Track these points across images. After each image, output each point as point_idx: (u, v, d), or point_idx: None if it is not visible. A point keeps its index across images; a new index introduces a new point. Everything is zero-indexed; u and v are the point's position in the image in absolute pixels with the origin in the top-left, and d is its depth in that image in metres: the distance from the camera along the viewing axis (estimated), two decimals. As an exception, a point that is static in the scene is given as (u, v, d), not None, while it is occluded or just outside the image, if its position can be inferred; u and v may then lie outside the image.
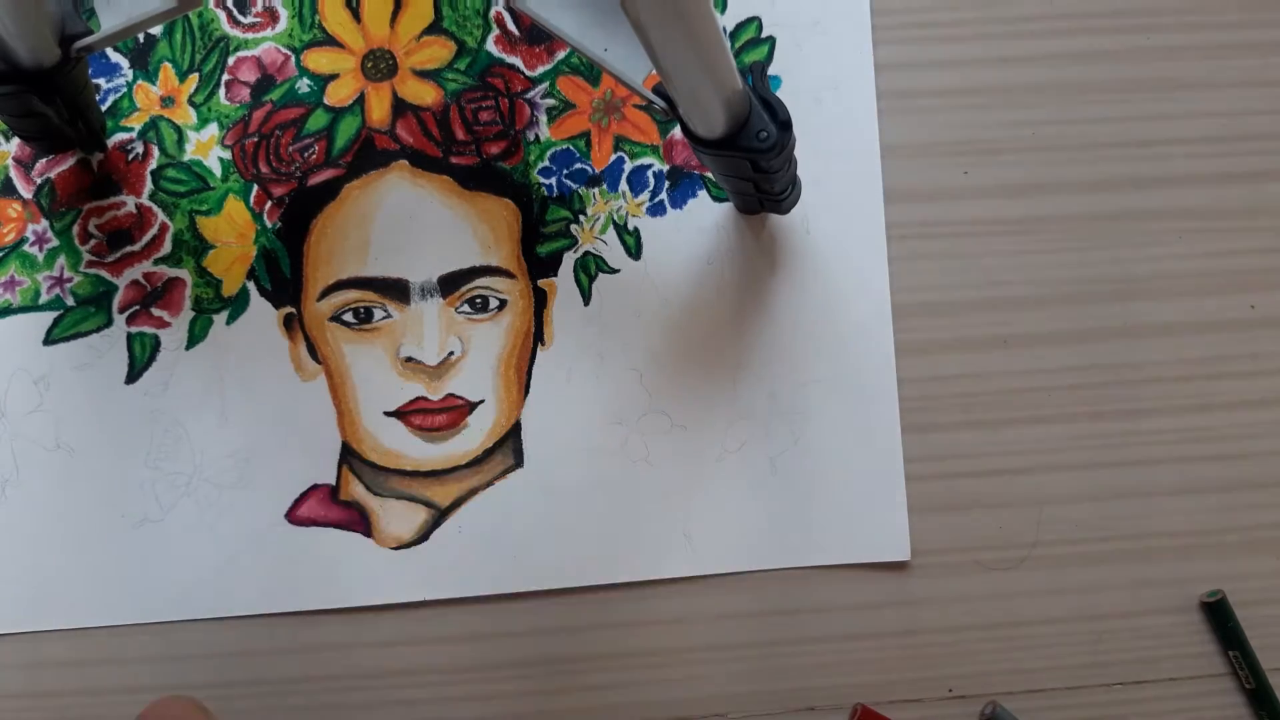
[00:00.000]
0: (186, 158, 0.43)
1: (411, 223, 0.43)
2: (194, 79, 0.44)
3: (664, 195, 0.44)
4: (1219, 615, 0.42)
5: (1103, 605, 0.42)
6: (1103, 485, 0.43)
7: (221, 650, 0.41)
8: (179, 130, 0.43)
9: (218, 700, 0.41)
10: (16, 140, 0.43)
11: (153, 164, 0.43)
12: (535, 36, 0.44)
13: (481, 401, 0.42)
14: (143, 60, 0.44)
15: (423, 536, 0.42)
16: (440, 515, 0.42)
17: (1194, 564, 0.43)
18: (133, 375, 0.42)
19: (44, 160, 0.43)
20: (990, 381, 0.43)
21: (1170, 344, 0.44)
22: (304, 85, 0.44)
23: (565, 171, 0.44)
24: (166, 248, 0.43)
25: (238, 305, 0.43)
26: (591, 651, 0.42)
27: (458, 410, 0.42)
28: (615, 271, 0.43)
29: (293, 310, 0.43)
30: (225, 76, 0.43)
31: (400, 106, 0.44)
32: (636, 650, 0.42)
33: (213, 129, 0.43)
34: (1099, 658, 0.42)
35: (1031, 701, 0.42)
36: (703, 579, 0.42)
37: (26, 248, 0.43)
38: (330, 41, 0.44)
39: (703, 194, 0.44)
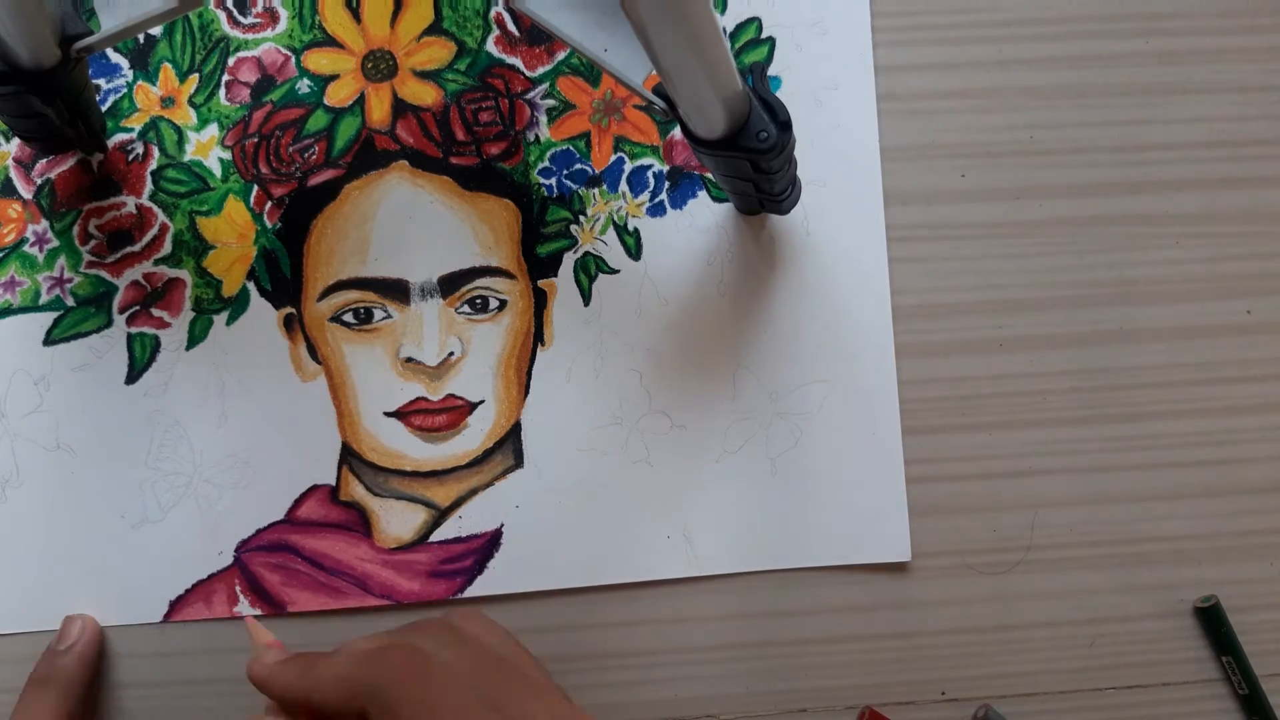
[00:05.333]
0: (187, 158, 0.43)
1: (411, 223, 0.43)
2: (194, 79, 0.44)
3: (664, 195, 0.44)
4: (1212, 621, 0.42)
5: (1096, 610, 0.43)
6: (1097, 489, 0.43)
7: (220, 648, 0.41)
8: (179, 131, 0.43)
9: (215, 697, 0.41)
10: (16, 140, 0.43)
11: (153, 164, 0.43)
12: (535, 37, 0.44)
13: (481, 402, 0.43)
14: (143, 61, 0.44)
15: (423, 537, 0.42)
16: (440, 515, 0.42)
17: (1188, 569, 0.43)
18: (133, 376, 0.42)
19: (44, 161, 0.43)
20: (985, 384, 0.43)
21: (1166, 348, 0.44)
22: (304, 86, 0.44)
23: (565, 172, 0.44)
24: (166, 248, 0.43)
25: (238, 306, 0.43)
26: (587, 651, 0.42)
27: (458, 411, 0.42)
28: (615, 272, 0.44)
29: (293, 311, 0.43)
30: (225, 77, 0.44)
31: (400, 107, 0.44)
32: (632, 650, 0.42)
33: (213, 129, 0.43)
34: (1092, 662, 0.42)
35: (1024, 705, 0.42)
36: (701, 579, 0.42)
37: (26, 248, 0.43)
38: (330, 42, 0.44)
39: (703, 194, 0.44)
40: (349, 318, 0.43)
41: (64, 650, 0.39)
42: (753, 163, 0.36)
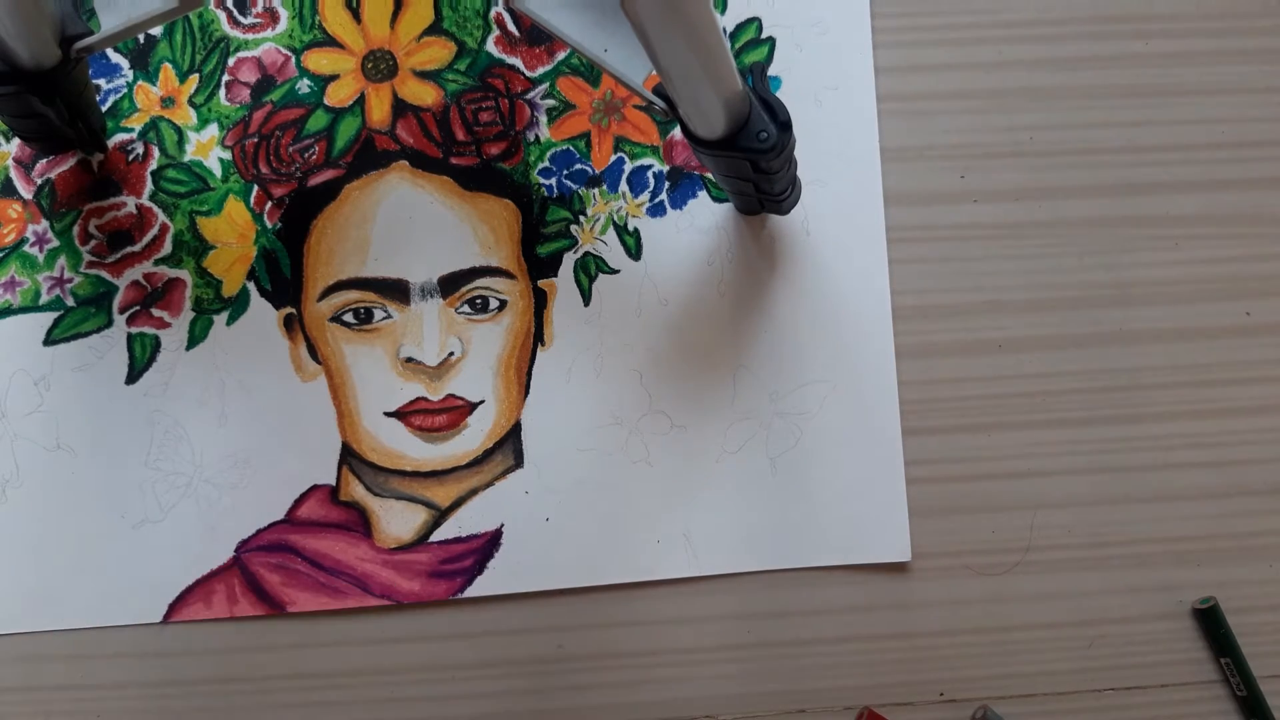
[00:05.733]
0: (187, 158, 0.43)
1: (411, 223, 0.43)
2: (194, 80, 0.44)
3: (664, 196, 0.44)
4: (1211, 622, 0.42)
5: (1095, 611, 0.43)
6: (1096, 490, 0.43)
7: (219, 647, 0.41)
8: (179, 131, 0.43)
9: (215, 697, 0.41)
10: (17, 141, 0.43)
11: (153, 164, 0.43)
12: (535, 37, 0.44)
13: (481, 402, 0.43)
14: (143, 61, 0.44)
15: (423, 537, 0.42)
16: (440, 515, 0.42)
17: (1186, 571, 0.43)
18: (133, 376, 0.42)
19: (44, 161, 0.43)
20: (984, 385, 0.43)
21: (1165, 350, 0.44)
22: (304, 86, 0.44)
23: (565, 172, 0.44)
24: (167, 248, 0.43)
25: (238, 306, 0.43)
26: (587, 651, 0.42)
27: (458, 411, 0.42)
28: (615, 272, 0.44)
29: (293, 311, 0.43)
30: (225, 77, 0.44)
31: (400, 107, 0.44)
32: (632, 650, 0.42)
33: (213, 130, 0.43)
34: (1091, 663, 0.42)
35: (1023, 707, 0.42)
36: (701, 579, 0.42)
37: (27, 248, 0.43)
38: (330, 42, 0.44)
39: (703, 194, 0.44)
40: (349, 318, 0.43)
41: None
42: (753, 163, 0.36)
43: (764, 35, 0.45)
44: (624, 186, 0.44)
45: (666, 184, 0.44)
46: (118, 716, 0.41)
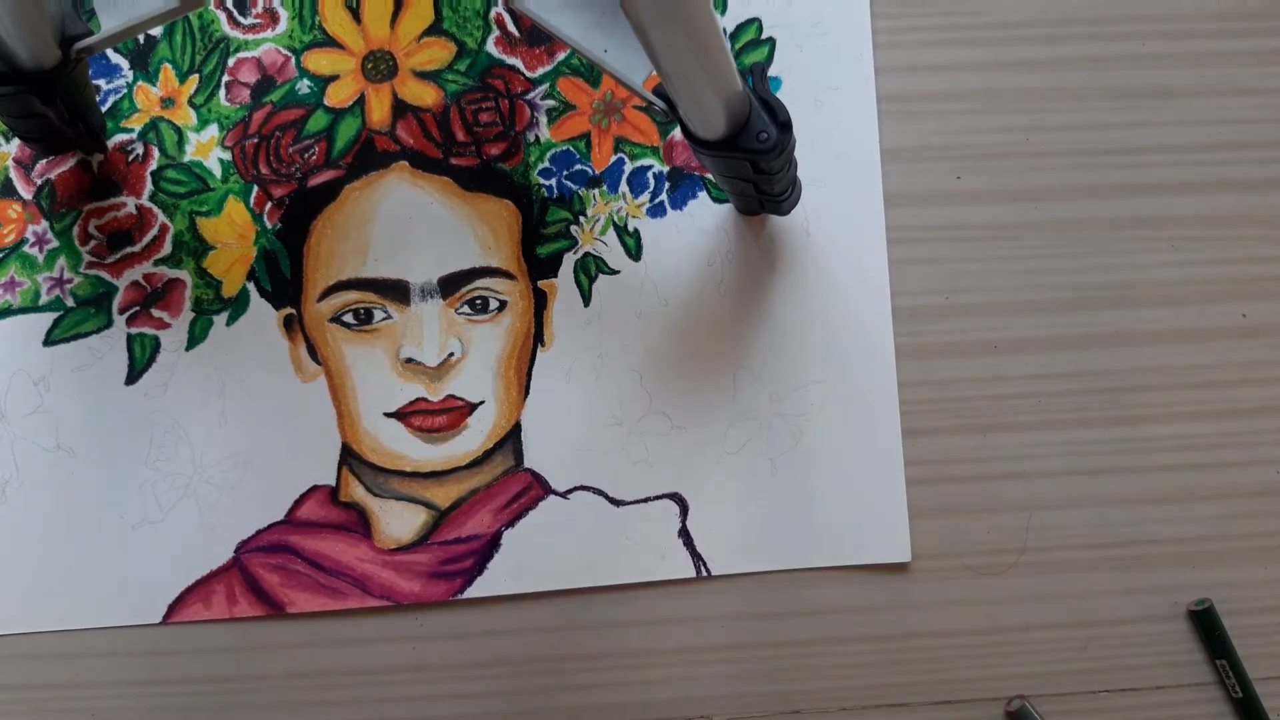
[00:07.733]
0: (187, 159, 0.43)
1: (411, 224, 0.43)
2: (194, 80, 0.44)
3: (664, 196, 0.44)
4: (1207, 624, 0.42)
5: (1090, 612, 0.43)
6: (1092, 492, 0.43)
7: (219, 647, 0.41)
8: (179, 131, 0.43)
9: (212, 696, 0.41)
10: (17, 141, 0.43)
11: (153, 165, 0.43)
12: (535, 38, 0.44)
13: (481, 402, 0.43)
14: (143, 61, 0.44)
15: (423, 538, 0.42)
16: (440, 516, 0.42)
17: (1182, 572, 0.43)
18: (132, 376, 0.42)
19: (44, 161, 0.43)
20: (980, 387, 0.43)
21: (1162, 351, 0.44)
22: (304, 86, 0.44)
23: (565, 172, 0.44)
24: (166, 249, 0.43)
25: (238, 306, 0.43)
26: (586, 651, 0.42)
27: (458, 411, 0.42)
28: (615, 272, 0.44)
29: (293, 311, 0.43)
30: (225, 77, 0.44)
31: (400, 107, 0.44)
32: (630, 651, 0.42)
33: (213, 130, 0.43)
34: (1086, 665, 0.42)
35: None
36: (700, 580, 0.42)
37: (26, 249, 0.43)
38: (330, 43, 0.44)
39: (703, 195, 0.44)
40: (349, 318, 0.43)
41: None
42: (753, 163, 0.36)
43: (764, 36, 0.45)
44: (624, 187, 0.44)
45: (666, 184, 0.44)
46: (116, 716, 0.41)
